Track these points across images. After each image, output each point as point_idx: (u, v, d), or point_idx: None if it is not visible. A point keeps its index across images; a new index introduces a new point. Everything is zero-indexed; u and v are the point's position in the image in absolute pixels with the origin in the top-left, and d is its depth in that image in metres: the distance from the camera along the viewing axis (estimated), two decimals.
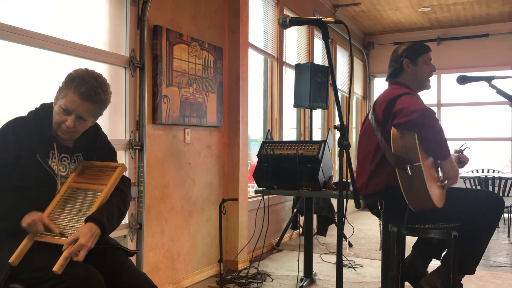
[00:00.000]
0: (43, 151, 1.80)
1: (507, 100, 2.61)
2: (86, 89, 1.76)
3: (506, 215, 6.32)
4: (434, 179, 2.38)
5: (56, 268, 1.56)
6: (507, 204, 5.70)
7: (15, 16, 2.37)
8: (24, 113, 1.87)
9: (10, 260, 1.62)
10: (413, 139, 2.26)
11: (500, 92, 2.56)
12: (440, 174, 2.44)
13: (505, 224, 6.44)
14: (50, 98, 1.87)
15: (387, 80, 2.73)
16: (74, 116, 1.78)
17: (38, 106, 1.89)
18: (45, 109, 1.85)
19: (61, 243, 1.66)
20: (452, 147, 2.67)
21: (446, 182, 2.41)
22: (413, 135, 2.26)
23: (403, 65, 2.61)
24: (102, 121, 2.17)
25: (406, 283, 2.77)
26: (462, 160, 2.69)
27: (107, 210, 1.78)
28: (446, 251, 2.57)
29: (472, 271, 2.53)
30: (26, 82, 2.52)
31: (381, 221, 2.58)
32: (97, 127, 1.99)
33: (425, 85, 2.65)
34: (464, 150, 2.75)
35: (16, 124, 1.80)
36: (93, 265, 1.66)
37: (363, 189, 2.58)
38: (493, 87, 2.57)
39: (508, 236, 5.70)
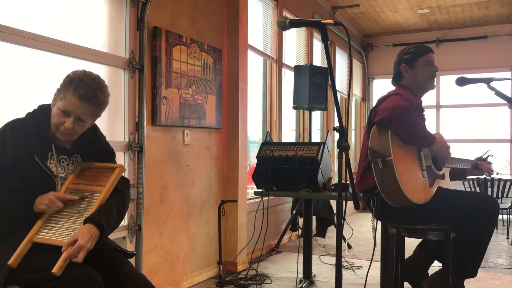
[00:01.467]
0: (41, 152, 1.80)
1: (505, 102, 2.61)
2: (85, 91, 1.76)
3: (505, 216, 6.32)
4: (413, 173, 2.40)
5: (55, 269, 1.56)
6: (506, 205, 5.71)
7: (14, 17, 2.37)
8: (22, 114, 1.87)
9: (9, 262, 1.62)
10: (386, 135, 2.35)
11: (498, 93, 2.57)
12: (424, 162, 2.47)
13: (503, 225, 6.44)
14: (48, 100, 1.87)
15: (392, 83, 2.78)
16: (73, 117, 1.78)
17: (36, 107, 1.89)
18: (43, 110, 1.85)
19: (60, 244, 1.65)
20: (451, 149, 2.68)
21: (439, 172, 2.44)
22: (388, 132, 2.35)
23: (401, 70, 2.65)
24: (101, 123, 2.17)
25: (406, 284, 2.77)
26: (480, 168, 2.72)
27: (106, 211, 1.77)
28: (445, 252, 2.57)
29: (473, 274, 2.52)
30: (25, 84, 2.52)
31: (373, 218, 2.62)
32: (95, 128, 1.99)
33: (427, 87, 2.66)
34: (487, 157, 2.77)
35: (14, 125, 1.79)
36: (92, 267, 1.66)
37: (358, 186, 2.64)
38: (492, 88, 2.58)
39: (507, 238, 5.70)
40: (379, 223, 3.02)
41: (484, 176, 5.65)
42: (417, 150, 2.46)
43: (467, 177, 2.90)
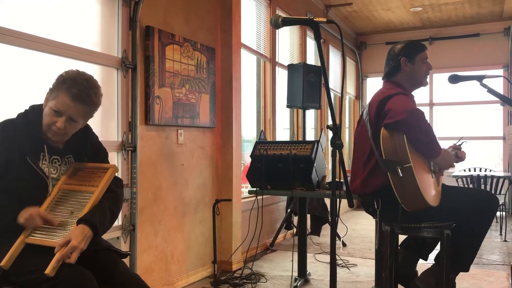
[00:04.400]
0: (33, 153, 1.78)
1: (498, 99, 2.63)
2: (78, 91, 1.75)
3: (498, 213, 6.36)
4: (427, 176, 2.39)
5: (48, 270, 1.55)
6: (499, 202, 5.74)
7: (5, 17, 2.35)
8: (14, 115, 1.85)
9: (1, 264, 1.61)
10: (402, 139, 2.27)
11: (491, 91, 2.58)
12: (432, 165, 2.48)
13: (497, 222, 6.48)
14: (40, 100, 1.86)
15: (383, 78, 2.73)
16: (65, 117, 1.76)
17: (27, 108, 1.87)
18: (35, 110, 1.84)
19: (53, 245, 1.64)
20: (446, 146, 2.69)
21: (439, 170, 2.46)
22: (402, 135, 2.27)
23: (401, 63, 2.61)
24: (95, 123, 2.16)
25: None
26: (460, 156, 2.71)
27: (99, 212, 1.77)
28: (439, 250, 2.58)
29: (466, 269, 2.53)
30: (17, 84, 2.50)
31: (376, 220, 2.59)
32: (87, 128, 1.98)
33: (422, 83, 2.67)
34: (461, 144, 2.76)
35: (5, 126, 1.78)
36: (86, 267, 1.65)
37: (360, 189, 2.58)
38: (484, 86, 2.59)
39: (501, 234, 5.74)
40: (372, 222, 3.03)
41: (478, 173, 5.72)
42: None
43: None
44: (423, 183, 2.30)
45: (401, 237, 2.65)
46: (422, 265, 2.78)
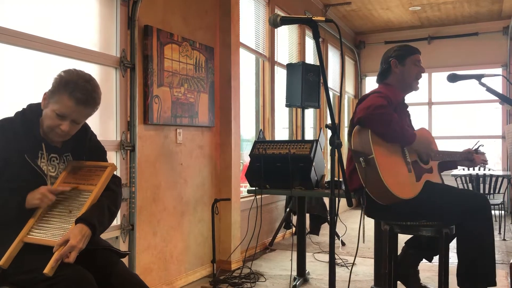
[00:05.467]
0: (31, 151, 1.78)
1: (497, 98, 2.63)
2: (82, 95, 1.75)
3: (497, 212, 6.37)
4: (398, 168, 2.40)
5: (46, 270, 1.55)
6: (498, 201, 5.75)
7: (4, 17, 2.35)
8: (11, 113, 1.85)
9: (0, 263, 1.61)
10: (367, 134, 2.38)
11: (490, 90, 2.58)
12: (409, 157, 2.49)
13: (496, 221, 6.49)
14: (38, 99, 1.85)
15: (376, 81, 2.77)
16: (69, 120, 1.77)
17: (25, 106, 1.87)
18: (32, 109, 1.83)
19: (51, 244, 1.64)
20: (444, 145, 2.68)
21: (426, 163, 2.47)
22: (367, 130, 2.38)
23: (391, 65, 2.64)
24: (93, 122, 2.15)
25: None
26: (473, 159, 2.72)
27: (97, 211, 1.76)
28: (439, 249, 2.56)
29: (489, 280, 2.39)
30: (15, 83, 2.49)
31: (361, 215, 2.64)
32: (86, 127, 1.97)
33: (412, 86, 2.67)
34: (478, 148, 2.76)
35: (3, 125, 1.77)
36: (85, 267, 1.65)
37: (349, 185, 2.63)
38: (483, 85, 2.59)
39: (499, 233, 5.75)
40: (371, 220, 3.03)
41: (477, 172, 5.73)
42: (400, 145, 2.47)
43: (458, 167, 2.88)
44: (389, 174, 2.33)
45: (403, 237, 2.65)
46: (423, 264, 2.78)
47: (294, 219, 4.75)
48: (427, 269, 3.73)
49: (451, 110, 8.18)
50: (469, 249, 2.39)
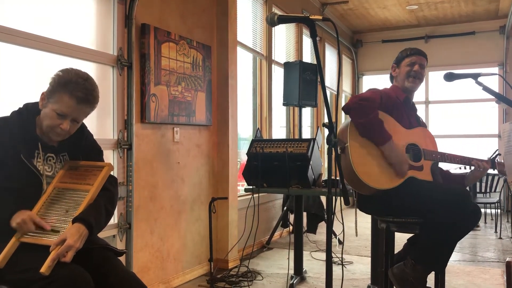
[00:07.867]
0: (27, 151, 1.77)
1: (493, 97, 2.63)
2: (83, 94, 1.75)
3: (493, 211, 6.39)
4: (372, 160, 2.43)
5: (43, 269, 1.54)
6: (494, 200, 5.77)
7: (1, 15, 2.34)
8: (7, 113, 1.84)
9: None
10: (347, 123, 2.49)
11: (486, 89, 2.58)
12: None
13: (492, 219, 6.52)
14: (34, 98, 1.84)
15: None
16: (69, 119, 1.77)
17: (21, 106, 1.86)
18: (29, 109, 1.82)
19: (48, 244, 1.64)
20: (440, 144, 2.69)
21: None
22: (349, 120, 2.48)
23: (391, 69, 2.80)
24: (90, 121, 2.15)
25: None
26: (499, 170, 2.70)
27: (94, 210, 1.76)
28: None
29: (437, 267, 2.44)
30: (12, 82, 2.48)
31: (355, 210, 2.67)
32: (82, 126, 1.96)
33: (404, 86, 2.71)
34: (495, 157, 2.75)
35: None
36: (82, 266, 1.64)
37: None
38: (480, 84, 2.59)
39: (495, 232, 5.77)
40: (367, 218, 3.04)
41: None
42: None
43: (456, 166, 2.84)
44: (360, 163, 2.39)
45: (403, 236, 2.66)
46: None
47: (291, 217, 4.76)
48: None
49: (447, 109, 8.20)
50: (438, 232, 2.37)
